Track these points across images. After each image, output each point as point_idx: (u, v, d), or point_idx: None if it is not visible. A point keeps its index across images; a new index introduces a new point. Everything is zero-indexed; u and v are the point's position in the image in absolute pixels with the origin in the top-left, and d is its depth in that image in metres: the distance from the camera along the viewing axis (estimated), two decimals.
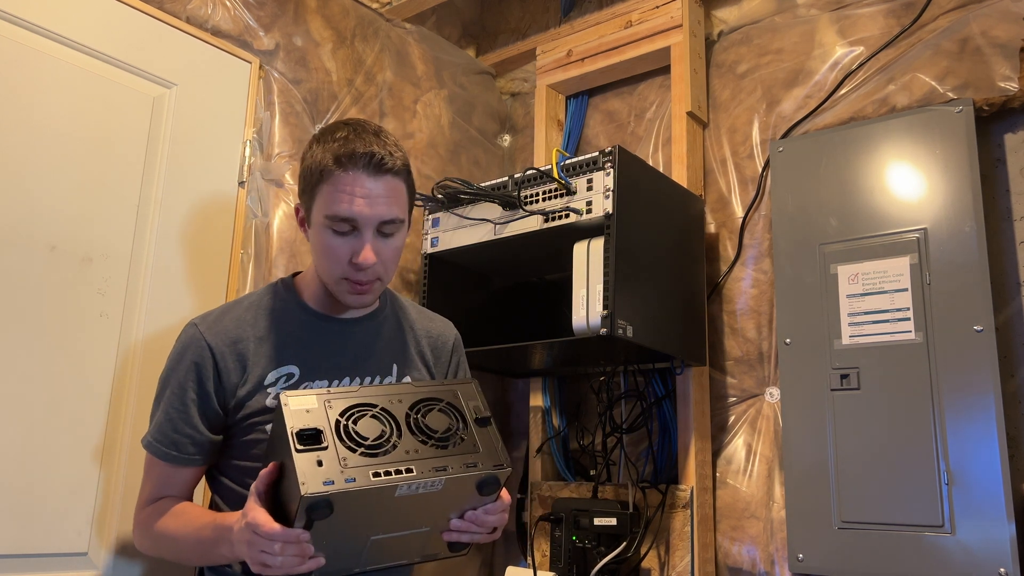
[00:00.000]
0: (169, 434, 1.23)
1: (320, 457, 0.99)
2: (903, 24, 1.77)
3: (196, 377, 1.23)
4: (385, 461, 1.02)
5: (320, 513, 0.97)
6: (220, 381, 1.23)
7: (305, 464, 0.98)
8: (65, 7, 1.52)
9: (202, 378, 1.23)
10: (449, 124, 2.27)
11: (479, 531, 1.13)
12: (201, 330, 1.25)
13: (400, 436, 1.06)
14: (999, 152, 1.66)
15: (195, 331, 1.25)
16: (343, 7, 2.04)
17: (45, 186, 1.46)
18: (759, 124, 1.95)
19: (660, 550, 1.79)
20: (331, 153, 1.20)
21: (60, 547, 1.40)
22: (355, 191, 1.19)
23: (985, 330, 1.50)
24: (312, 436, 1.01)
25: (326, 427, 1.03)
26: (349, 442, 1.02)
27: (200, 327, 1.26)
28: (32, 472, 1.38)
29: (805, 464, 1.65)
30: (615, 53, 2.12)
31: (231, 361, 1.23)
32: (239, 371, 1.24)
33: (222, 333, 1.25)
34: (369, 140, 1.21)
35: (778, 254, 1.79)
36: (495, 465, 1.08)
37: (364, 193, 1.19)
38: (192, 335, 1.25)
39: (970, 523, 1.46)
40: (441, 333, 1.45)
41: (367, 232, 1.21)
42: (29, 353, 1.40)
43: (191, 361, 1.23)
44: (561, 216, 1.65)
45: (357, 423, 1.05)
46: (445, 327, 1.47)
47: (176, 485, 1.25)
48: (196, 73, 1.71)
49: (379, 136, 1.23)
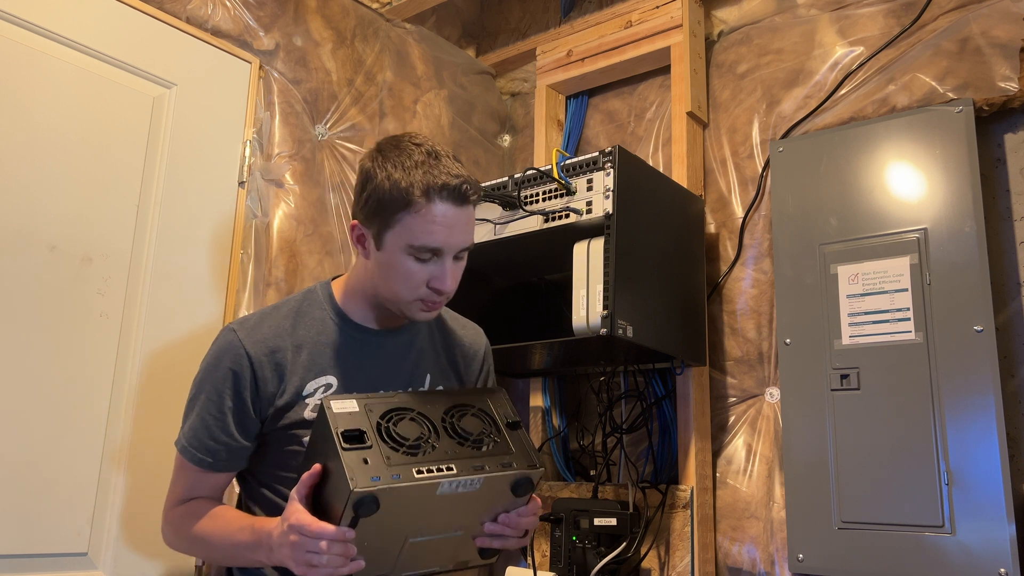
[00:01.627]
0: (204, 440, 1.21)
1: (366, 456, 1.03)
2: (903, 24, 1.77)
3: (233, 385, 1.20)
4: (426, 460, 1.06)
5: (367, 509, 1.00)
6: (258, 390, 1.21)
7: (353, 461, 1.01)
8: (65, 7, 1.52)
9: (239, 387, 1.20)
10: (449, 124, 2.27)
11: (512, 534, 1.15)
12: (240, 336, 1.22)
13: (438, 438, 1.10)
14: (999, 152, 1.66)
15: (233, 337, 1.23)
16: (343, 7, 2.04)
17: (45, 186, 1.46)
18: (759, 124, 1.95)
19: (660, 550, 1.79)
20: (417, 182, 1.18)
21: (60, 547, 1.40)
22: (444, 222, 1.19)
23: (985, 330, 1.50)
24: (356, 436, 1.05)
25: (368, 429, 1.06)
26: (391, 442, 1.06)
27: (239, 333, 1.23)
28: (32, 472, 1.38)
29: (805, 464, 1.65)
30: (615, 53, 2.12)
31: (269, 370, 1.22)
32: (276, 380, 1.22)
33: (260, 341, 1.23)
34: (451, 167, 1.21)
35: (778, 254, 1.78)
36: (529, 465, 1.11)
37: (450, 223, 1.20)
38: (230, 341, 1.22)
39: (970, 523, 1.46)
40: (472, 342, 1.45)
41: (447, 259, 1.22)
42: (29, 353, 1.40)
43: (228, 368, 1.21)
44: (561, 216, 1.65)
45: (397, 425, 1.09)
46: (476, 336, 1.47)
47: (207, 487, 1.26)
48: (196, 73, 1.71)
49: (458, 161, 1.24)
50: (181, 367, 1.59)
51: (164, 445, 1.54)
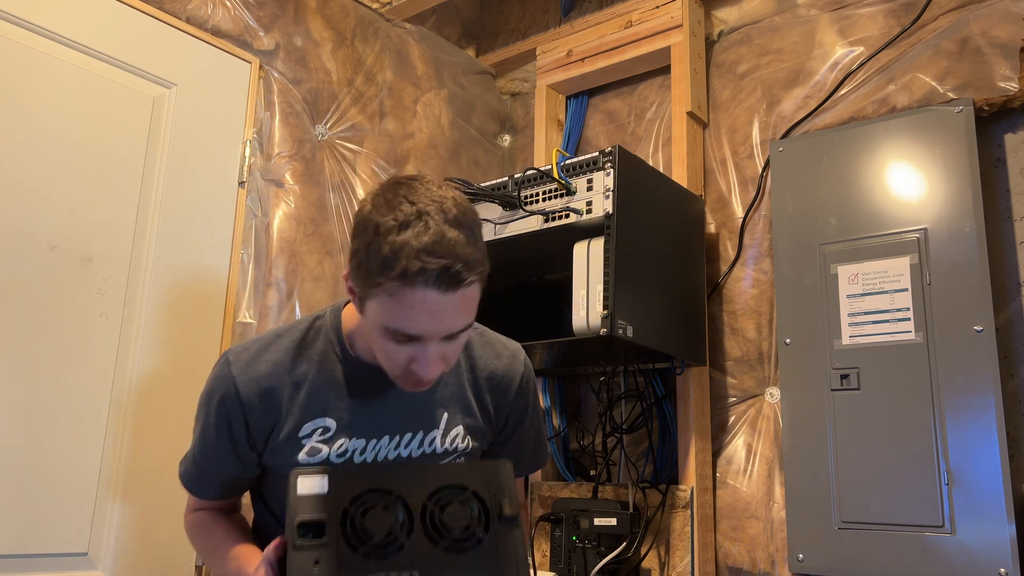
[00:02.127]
0: (202, 476, 1.19)
1: (318, 556, 0.93)
2: (903, 24, 1.77)
3: (226, 424, 1.14)
4: (389, 564, 0.94)
5: None
6: (249, 430, 1.14)
7: (300, 565, 0.92)
8: (65, 7, 1.52)
9: (232, 428, 1.14)
10: (449, 124, 2.27)
11: None
12: (234, 372, 1.13)
13: (411, 533, 0.97)
14: (999, 152, 1.66)
15: (227, 372, 1.13)
16: (343, 7, 2.04)
17: (45, 186, 1.46)
18: (759, 124, 1.95)
19: (660, 550, 1.79)
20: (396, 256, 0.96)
21: (60, 547, 1.40)
22: (421, 308, 0.99)
23: (985, 330, 1.50)
24: (315, 528, 0.95)
25: (332, 519, 0.95)
26: (354, 539, 0.95)
27: (233, 368, 1.13)
28: (32, 472, 1.38)
29: (805, 464, 1.65)
30: (615, 53, 2.12)
31: (260, 411, 1.13)
32: (271, 420, 1.14)
33: (253, 380, 1.13)
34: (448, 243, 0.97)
35: (778, 254, 1.78)
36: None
37: (431, 309, 0.99)
38: (223, 376, 1.14)
39: (970, 523, 1.46)
40: (505, 373, 1.25)
41: (430, 344, 1.03)
42: (29, 353, 1.40)
43: (217, 405, 1.14)
44: (561, 216, 1.65)
45: (367, 515, 0.96)
46: (512, 364, 1.26)
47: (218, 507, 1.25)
48: (196, 73, 1.71)
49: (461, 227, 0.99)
50: (181, 367, 1.59)
51: (164, 445, 1.54)
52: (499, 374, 1.24)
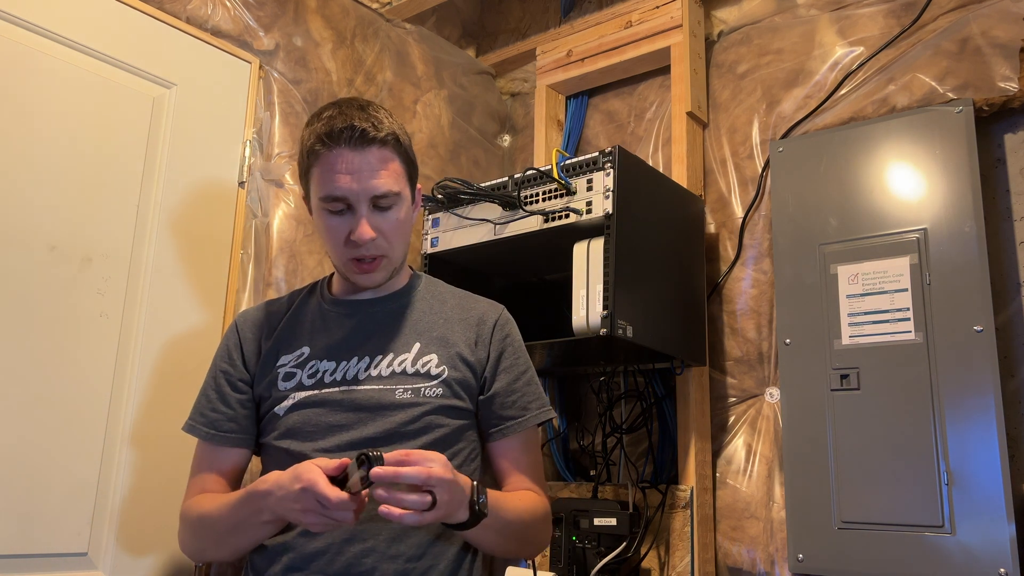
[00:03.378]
0: (206, 412, 1.30)
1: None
2: (903, 24, 1.77)
3: (227, 355, 1.33)
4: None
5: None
6: (243, 353, 1.32)
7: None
8: (65, 7, 1.52)
9: (231, 355, 1.32)
10: (449, 124, 2.27)
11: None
12: (237, 319, 1.37)
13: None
14: (999, 152, 1.66)
15: (233, 320, 1.38)
16: (343, 7, 2.04)
17: (45, 186, 1.46)
18: (759, 124, 1.95)
19: (660, 550, 1.79)
20: (315, 134, 1.20)
21: (60, 547, 1.40)
22: (340, 168, 1.17)
23: (985, 330, 1.50)
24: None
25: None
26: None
27: (238, 318, 1.38)
28: (32, 472, 1.38)
29: (805, 464, 1.65)
30: (615, 53, 2.12)
31: (251, 335, 1.33)
32: (256, 345, 1.32)
33: (251, 319, 1.36)
34: (351, 114, 1.19)
35: (778, 254, 1.79)
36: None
37: (349, 168, 1.17)
38: (231, 325, 1.37)
39: (970, 523, 1.46)
40: (483, 314, 1.35)
41: (361, 208, 1.19)
42: (29, 353, 1.40)
43: (223, 344, 1.35)
44: (561, 216, 1.65)
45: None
46: (489, 309, 1.37)
47: (219, 468, 1.28)
48: (196, 73, 1.71)
49: (365, 110, 1.21)
50: (181, 367, 1.59)
51: (164, 445, 1.54)
52: (476, 315, 1.34)
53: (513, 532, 1.23)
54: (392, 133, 1.22)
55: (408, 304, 1.34)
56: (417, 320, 1.32)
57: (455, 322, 1.33)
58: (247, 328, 1.34)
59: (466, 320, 1.33)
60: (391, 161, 1.21)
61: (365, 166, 1.18)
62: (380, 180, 1.19)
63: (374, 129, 1.18)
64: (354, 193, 1.18)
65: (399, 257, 1.29)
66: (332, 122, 1.19)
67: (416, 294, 1.36)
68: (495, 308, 1.37)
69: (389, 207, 1.22)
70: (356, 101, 1.23)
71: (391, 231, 1.23)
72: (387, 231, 1.23)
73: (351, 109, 1.20)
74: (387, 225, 1.22)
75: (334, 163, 1.18)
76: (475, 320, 1.34)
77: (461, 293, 1.40)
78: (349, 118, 1.18)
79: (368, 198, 1.19)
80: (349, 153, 1.17)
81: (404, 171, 1.25)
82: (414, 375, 1.25)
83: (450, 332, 1.31)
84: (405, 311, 1.32)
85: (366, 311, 1.32)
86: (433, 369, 1.26)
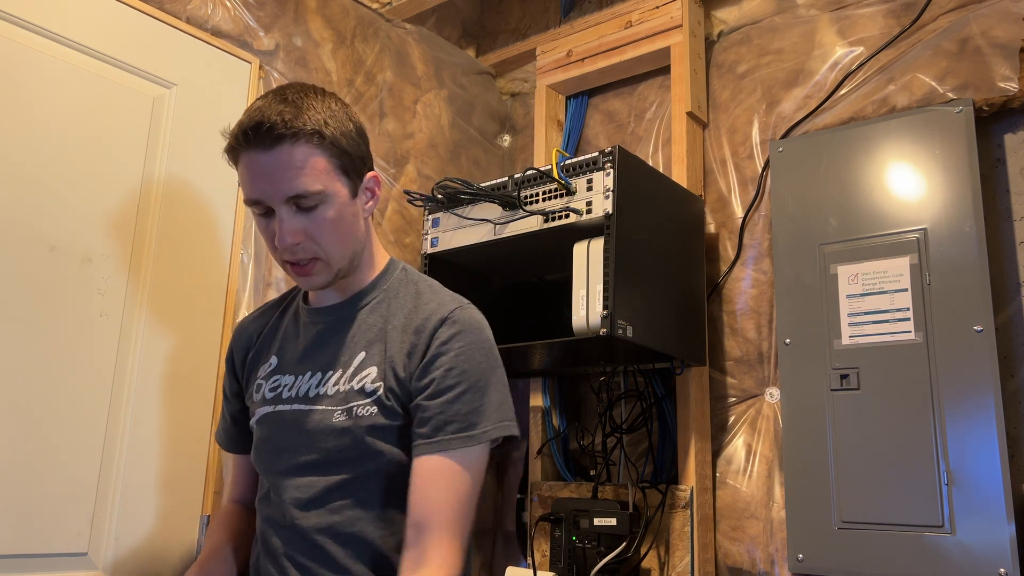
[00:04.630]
0: (222, 419, 1.40)
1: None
2: (903, 24, 1.77)
3: (225, 365, 1.39)
4: None
5: None
6: (234, 363, 1.36)
7: None
8: (65, 7, 1.52)
9: (227, 366, 1.38)
10: (449, 124, 2.27)
11: None
12: (235, 327, 1.42)
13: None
14: (999, 152, 1.66)
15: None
16: (343, 7, 2.04)
17: (45, 186, 1.46)
18: (759, 124, 1.95)
19: (660, 550, 1.79)
20: (232, 131, 1.12)
21: (60, 547, 1.40)
22: (254, 170, 1.09)
23: (985, 330, 1.50)
24: None
25: None
26: None
27: (236, 325, 1.42)
28: (32, 472, 1.38)
29: (805, 464, 1.65)
30: (615, 53, 2.12)
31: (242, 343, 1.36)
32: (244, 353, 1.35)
33: (243, 327, 1.39)
34: (267, 108, 1.07)
35: (778, 254, 1.78)
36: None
37: (260, 170, 1.08)
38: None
39: (970, 523, 1.46)
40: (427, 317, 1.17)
41: (280, 210, 1.09)
42: (29, 353, 1.40)
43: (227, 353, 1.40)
44: (561, 216, 1.65)
45: None
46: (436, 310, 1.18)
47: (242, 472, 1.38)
48: (196, 73, 1.71)
49: (287, 100, 1.09)
50: (181, 367, 1.59)
51: (164, 445, 1.54)
52: (421, 318, 1.17)
53: None
54: (313, 124, 1.08)
55: (363, 310, 1.22)
56: (368, 328, 1.19)
57: (401, 328, 1.18)
58: (239, 337, 1.37)
59: (408, 325, 1.17)
60: (311, 157, 1.08)
61: (276, 166, 1.07)
62: (294, 182, 1.08)
63: (283, 125, 1.06)
64: (268, 196, 1.09)
65: (341, 258, 1.16)
66: (247, 118, 1.09)
67: (376, 296, 1.23)
68: (443, 308, 1.18)
69: (313, 206, 1.10)
70: (286, 90, 1.12)
71: (319, 232, 1.11)
72: (315, 233, 1.11)
73: (272, 101, 1.09)
74: (314, 226, 1.11)
75: (247, 164, 1.10)
76: (416, 325, 1.17)
77: (425, 289, 1.24)
78: (261, 113, 1.07)
79: (283, 200, 1.09)
80: (258, 154, 1.08)
81: (333, 165, 1.11)
82: (349, 392, 1.15)
83: (392, 340, 1.17)
84: (357, 318, 1.21)
85: (325, 319, 1.23)
86: (368, 385, 1.14)
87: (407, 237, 2.09)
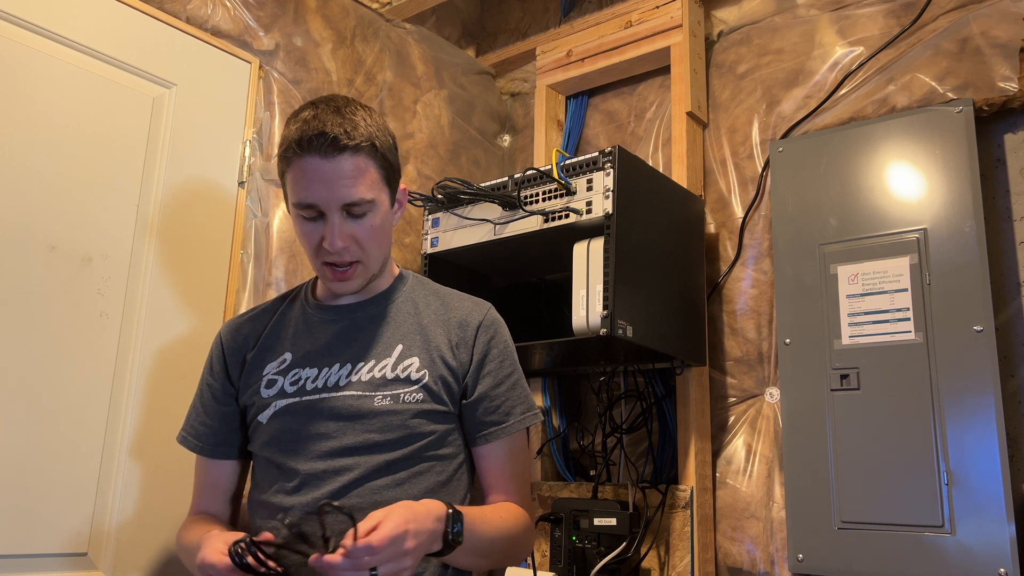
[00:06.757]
0: (196, 425, 1.32)
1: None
2: (903, 24, 1.77)
3: (210, 368, 1.34)
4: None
5: None
6: (226, 365, 1.32)
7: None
8: (65, 7, 1.52)
9: (213, 368, 1.34)
10: (449, 124, 2.27)
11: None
12: (221, 330, 1.37)
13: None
14: (999, 152, 1.66)
15: (218, 332, 1.37)
16: (343, 7, 2.04)
17: (45, 186, 1.46)
18: (759, 124, 1.95)
19: (660, 550, 1.79)
20: (290, 138, 1.17)
21: (60, 547, 1.40)
22: (312, 175, 1.15)
23: (985, 330, 1.50)
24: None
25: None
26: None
27: (222, 328, 1.38)
28: (32, 472, 1.38)
29: (805, 464, 1.65)
30: (615, 53, 2.12)
31: (234, 345, 1.33)
32: (241, 353, 1.32)
33: (234, 329, 1.36)
34: (325, 119, 1.14)
35: (778, 254, 1.79)
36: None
37: (320, 177, 1.14)
38: (215, 337, 1.37)
39: (970, 523, 1.46)
40: (466, 315, 1.31)
41: (333, 215, 1.16)
42: (29, 353, 1.40)
43: (208, 357, 1.36)
44: (561, 216, 1.65)
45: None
46: (473, 309, 1.32)
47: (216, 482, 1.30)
48: (196, 73, 1.71)
49: (341, 112, 1.16)
50: (181, 367, 1.59)
51: (164, 445, 1.54)
52: (460, 316, 1.31)
53: (491, 551, 1.20)
54: (368, 138, 1.17)
55: (391, 307, 1.31)
56: (400, 323, 1.29)
57: (438, 324, 1.29)
58: (230, 339, 1.34)
59: (448, 321, 1.30)
60: (365, 168, 1.17)
61: (336, 175, 1.15)
62: (352, 189, 1.16)
63: (346, 136, 1.14)
64: (325, 202, 1.16)
65: (377, 262, 1.25)
66: (305, 127, 1.15)
67: (400, 295, 1.32)
68: (480, 308, 1.33)
69: (363, 214, 1.19)
70: (334, 102, 1.19)
71: (366, 238, 1.20)
72: (361, 238, 1.20)
73: (326, 112, 1.16)
74: (361, 232, 1.20)
75: (305, 170, 1.15)
76: (458, 321, 1.30)
77: (447, 292, 1.37)
78: (322, 123, 1.14)
79: (339, 206, 1.16)
80: (320, 161, 1.14)
81: (381, 176, 1.21)
82: (394, 380, 1.23)
83: (432, 334, 1.28)
84: (387, 314, 1.29)
85: (348, 316, 1.29)
86: (414, 373, 1.23)
87: (407, 237, 2.09)
